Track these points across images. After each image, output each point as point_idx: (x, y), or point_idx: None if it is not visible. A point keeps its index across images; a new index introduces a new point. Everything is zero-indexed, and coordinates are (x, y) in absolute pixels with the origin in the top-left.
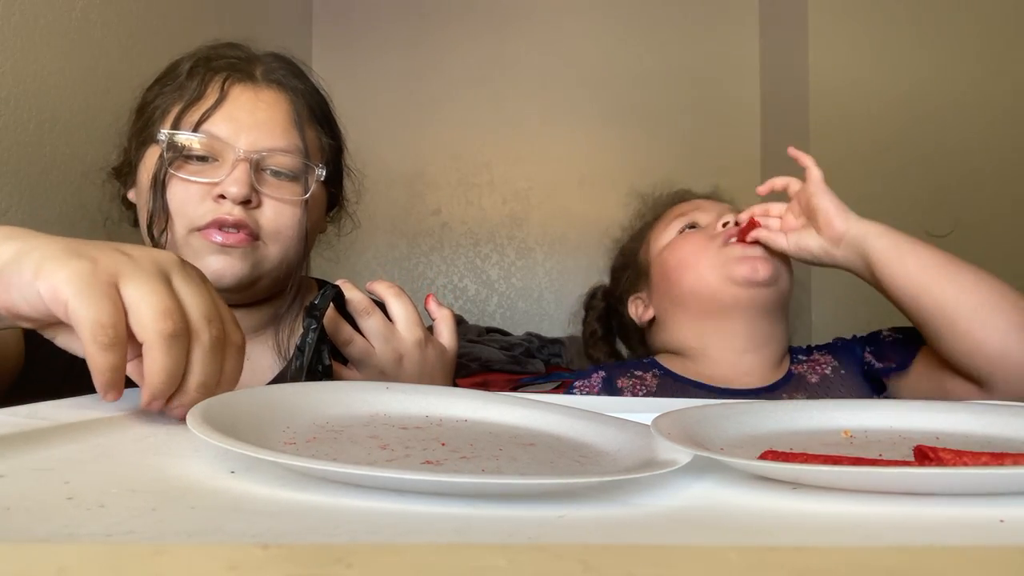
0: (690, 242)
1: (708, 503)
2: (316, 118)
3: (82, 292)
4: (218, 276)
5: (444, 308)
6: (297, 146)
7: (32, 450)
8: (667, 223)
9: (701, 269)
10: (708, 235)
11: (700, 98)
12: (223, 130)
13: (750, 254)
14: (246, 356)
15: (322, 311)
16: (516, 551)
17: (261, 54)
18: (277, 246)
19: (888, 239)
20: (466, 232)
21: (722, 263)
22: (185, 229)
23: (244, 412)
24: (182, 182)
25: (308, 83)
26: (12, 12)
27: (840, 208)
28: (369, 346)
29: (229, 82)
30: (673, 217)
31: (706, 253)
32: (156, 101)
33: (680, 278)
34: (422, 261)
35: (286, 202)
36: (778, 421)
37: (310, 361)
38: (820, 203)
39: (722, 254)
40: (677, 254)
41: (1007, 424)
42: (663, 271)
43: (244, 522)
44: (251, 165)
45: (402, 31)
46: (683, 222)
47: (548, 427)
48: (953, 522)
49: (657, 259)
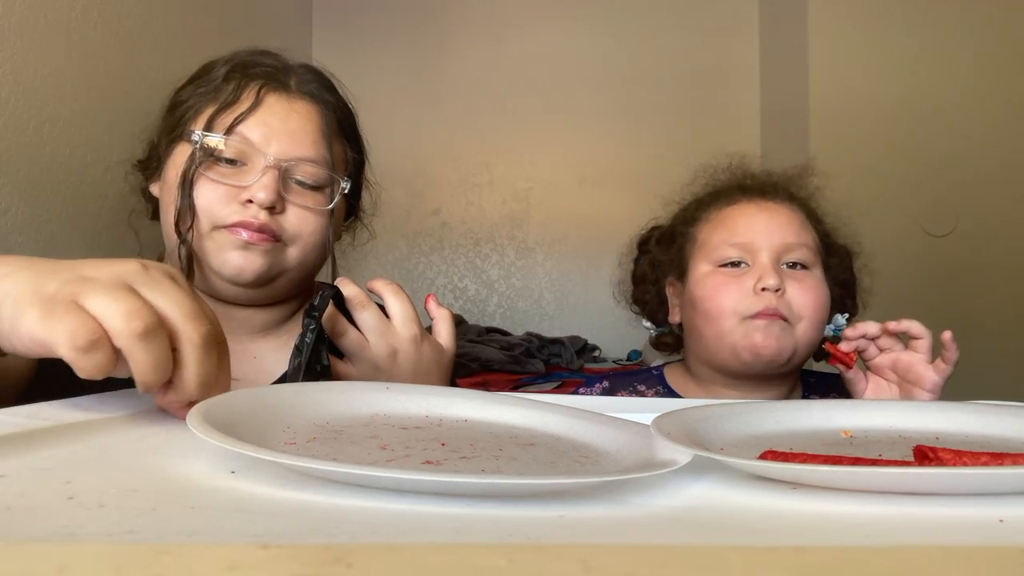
0: (723, 293)
1: (708, 503)
2: (344, 131)
3: (50, 323)
4: (238, 271)
5: (443, 308)
6: (325, 158)
7: (32, 450)
8: (715, 236)
9: (722, 327)
10: (742, 291)
11: (700, 98)
12: (255, 135)
13: (772, 332)
14: (253, 356)
15: (321, 311)
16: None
17: (295, 65)
18: (297, 250)
19: None
20: (466, 232)
21: (743, 334)
22: (209, 226)
23: (244, 412)
24: (211, 182)
25: (338, 97)
26: (12, 12)
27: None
28: (363, 339)
29: (265, 90)
30: (722, 235)
31: (732, 314)
32: (190, 101)
33: (702, 324)
34: (422, 261)
35: (310, 210)
36: (778, 421)
37: (308, 360)
38: (924, 376)
39: (744, 325)
40: (707, 298)
41: (1007, 424)
42: (692, 297)
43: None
44: (280, 173)
45: (402, 31)
46: (728, 253)
47: (548, 427)
48: (953, 522)
49: (692, 278)
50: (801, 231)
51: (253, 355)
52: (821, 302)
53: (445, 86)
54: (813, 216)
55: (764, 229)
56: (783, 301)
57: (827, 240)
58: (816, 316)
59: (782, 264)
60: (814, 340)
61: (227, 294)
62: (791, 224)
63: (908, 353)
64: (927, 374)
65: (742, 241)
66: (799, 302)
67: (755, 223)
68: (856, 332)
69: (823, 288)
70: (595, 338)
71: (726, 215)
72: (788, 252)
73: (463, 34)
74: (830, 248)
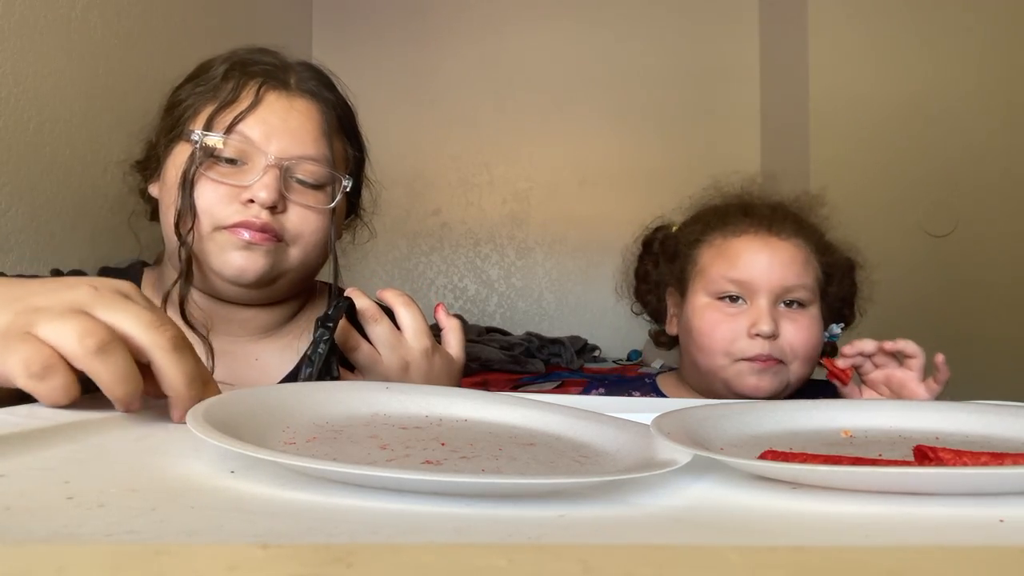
0: (718, 331)
1: (708, 503)
2: (344, 129)
3: (3, 356)
4: (240, 272)
5: (453, 318)
6: (326, 156)
7: (32, 450)
8: (716, 267)
9: (715, 363)
10: (737, 331)
11: (700, 98)
12: (256, 133)
13: (765, 377)
14: (256, 357)
15: (335, 323)
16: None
17: (294, 63)
18: (299, 249)
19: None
20: (466, 232)
21: (736, 374)
22: (210, 227)
23: (244, 412)
24: (211, 182)
25: (338, 95)
26: (12, 12)
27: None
28: (376, 353)
29: (264, 88)
30: (721, 267)
31: (725, 354)
32: (188, 100)
33: (696, 353)
34: (422, 261)
35: (311, 209)
36: (778, 421)
37: (319, 372)
38: (916, 393)
39: (738, 366)
40: (702, 333)
41: (1007, 424)
42: (688, 324)
43: (244, 522)
44: (281, 171)
45: (402, 31)
46: (727, 288)
47: (548, 427)
48: (953, 522)
49: (690, 304)
50: (803, 271)
51: (256, 357)
52: (815, 340)
53: (445, 86)
54: (819, 248)
55: (766, 268)
56: (776, 345)
57: (829, 270)
58: (810, 354)
59: (779, 304)
60: (807, 374)
61: (228, 295)
62: (793, 264)
63: (902, 371)
64: (919, 391)
65: (741, 278)
66: (793, 342)
67: (757, 261)
68: (853, 350)
69: (818, 326)
70: (595, 338)
71: (729, 246)
72: (787, 293)
73: (463, 34)
74: (831, 277)
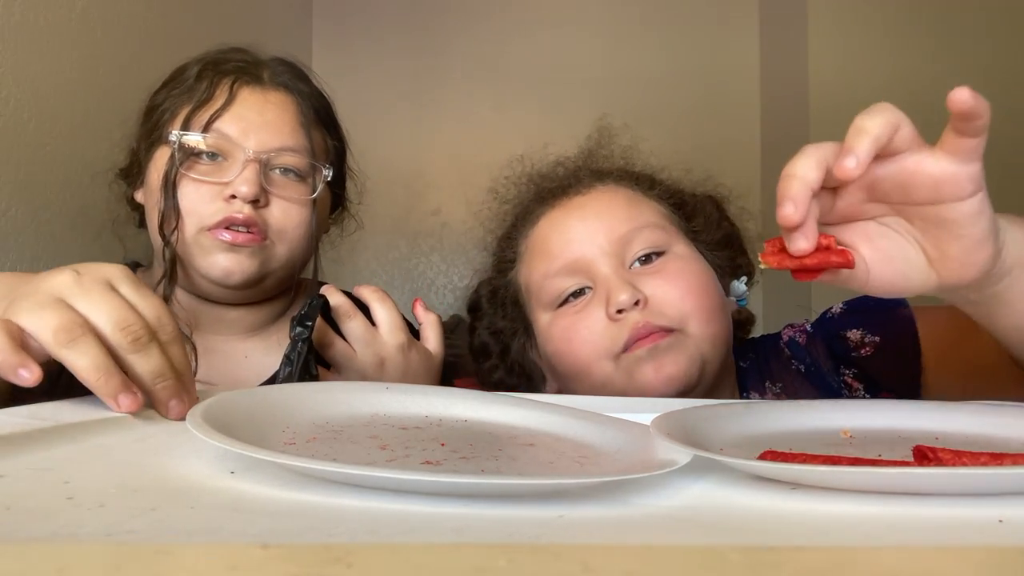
0: (574, 338)
1: (708, 503)
2: (321, 120)
3: (32, 312)
4: (227, 274)
5: (431, 313)
6: (305, 146)
7: (32, 450)
8: (535, 271)
9: (597, 377)
10: (595, 324)
11: (700, 98)
12: (233, 129)
13: (661, 358)
14: (244, 356)
15: (312, 321)
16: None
17: (267, 58)
18: (284, 245)
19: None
20: (466, 232)
21: (627, 374)
22: (195, 228)
23: (244, 412)
24: (193, 182)
25: (312, 87)
26: (12, 12)
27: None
28: (350, 350)
29: (238, 84)
30: (540, 266)
31: (599, 359)
32: (165, 104)
33: (574, 382)
34: (422, 261)
35: (294, 201)
36: (778, 421)
37: (299, 371)
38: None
39: (623, 362)
40: (561, 353)
41: (1007, 424)
42: (547, 359)
43: (244, 522)
44: (260, 165)
45: (402, 31)
46: (558, 286)
47: (548, 427)
48: (953, 522)
49: (538, 336)
50: (633, 210)
51: (244, 355)
52: (701, 285)
53: (445, 86)
54: (643, 182)
55: (583, 233)
56: (649, 311)
57: (677, 200)
58: (702, 305)
59: (630, 264)
60: (720, 334)
61: (215, 295)
62: (611, 210)
63: (888, 165)
64: (948, 170)
65: (564, 263)
66: (669, 295)
67: (568, 233)
68: (787, 192)
69: (695, 263)
70: None
71: (534, 241)
72: (624, 246)
73: (464, 35)
74: (686, 208)
